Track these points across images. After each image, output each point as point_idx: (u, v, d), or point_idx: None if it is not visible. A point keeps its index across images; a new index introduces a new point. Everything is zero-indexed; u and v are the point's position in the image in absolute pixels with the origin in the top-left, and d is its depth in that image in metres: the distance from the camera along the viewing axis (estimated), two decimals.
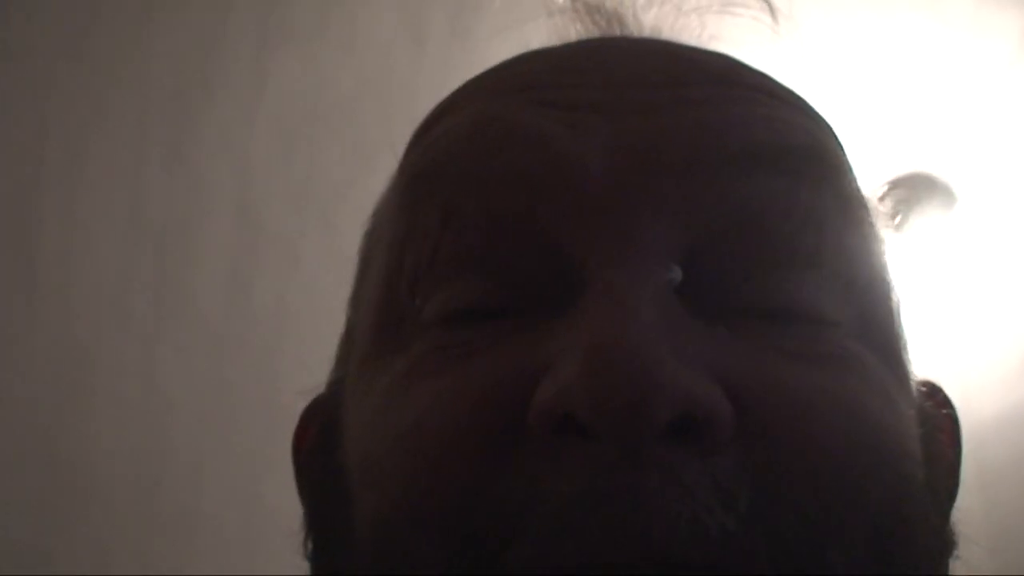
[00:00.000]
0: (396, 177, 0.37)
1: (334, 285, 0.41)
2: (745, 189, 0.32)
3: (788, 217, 0.32)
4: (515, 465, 0.28)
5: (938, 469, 0.35)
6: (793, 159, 0.33)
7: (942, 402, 0.39)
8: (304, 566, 0.38)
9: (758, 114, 0.33)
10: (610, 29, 0.41)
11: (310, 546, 0.37)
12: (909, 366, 0.35)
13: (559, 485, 0.27)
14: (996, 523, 1.52)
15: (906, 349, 0.36)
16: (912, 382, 0.35)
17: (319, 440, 0.38)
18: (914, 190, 1.48)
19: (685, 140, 0.32)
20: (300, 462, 0.40)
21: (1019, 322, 1.60)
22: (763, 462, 0.28)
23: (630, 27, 0.41)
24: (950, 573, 0.35)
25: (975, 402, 1.58)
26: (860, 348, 0.32)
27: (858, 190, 0.36)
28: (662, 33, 0.40)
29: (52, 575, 1.47)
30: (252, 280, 1.52)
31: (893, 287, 0.36)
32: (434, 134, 0.36)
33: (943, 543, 0.34)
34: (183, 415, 1.55)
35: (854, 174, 0.36)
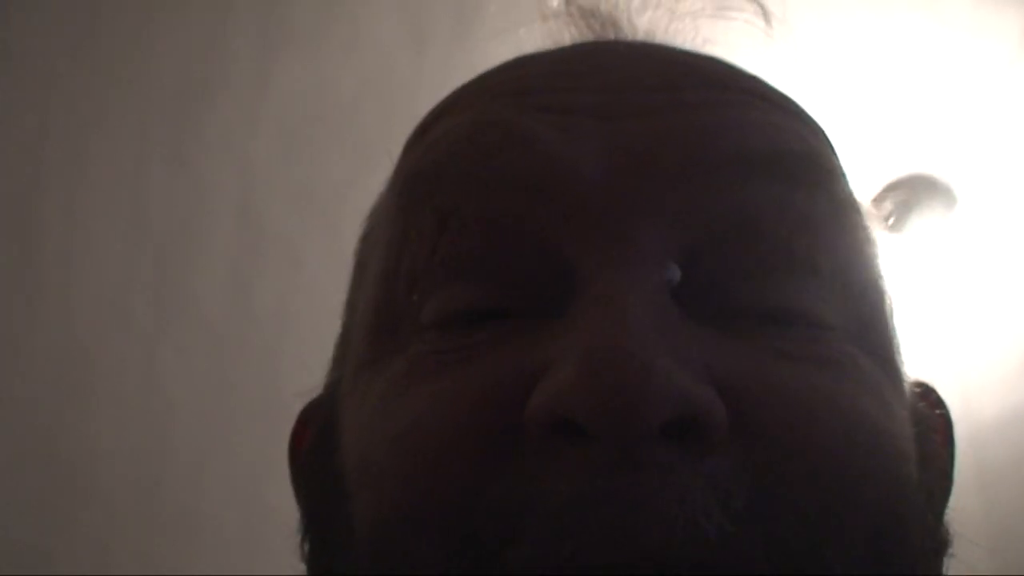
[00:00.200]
0: (393, 180, 0.37)
1: (335, 286, 0.41)
2: (740, 193, 0.32)
3: (783, 221, 0.32)
4: (513, 466, 0.28)
5: (932, 469, 0.35)
6: (787, 164, 0.33)
7: (935, 403, 0.39)
8: (304, 567, 0.38)
9: (753, 119, 0.34)
10: (604, 33, 0.41)
11: (307, 548, 0.37)
12: (903, 367, 0.36)
13: (557, 486, 0.27)
14: (996, 524, 1.52)
15: (900, 351, 0.36)
16: (906, 383, 0.36)
17: (316, 442, 0.38)
18: (914, 191, 1.47)
19: (680, 144, 0.32)
20: (297, 464, 0.40)
21: (1019, 323, 1.60)
22: (760, 462, 0.28)
23: (624, 31, 0.41)
24: (948, 573, 0.35)
25: (975, 403, 1.58)
26: (854, 350, 0.32)
27: (851, 194, 0.36)
28: (656, 37, 0.40)
29: (53, 575, 1.47)
30: (253, 281, 1.52)
31: (887, 290, 0.37)
32: (430, 138, 0.36)
33: (938, 542, 0.35)
34: (184, 416, 1.55)
35: (847, 178, 0.36)
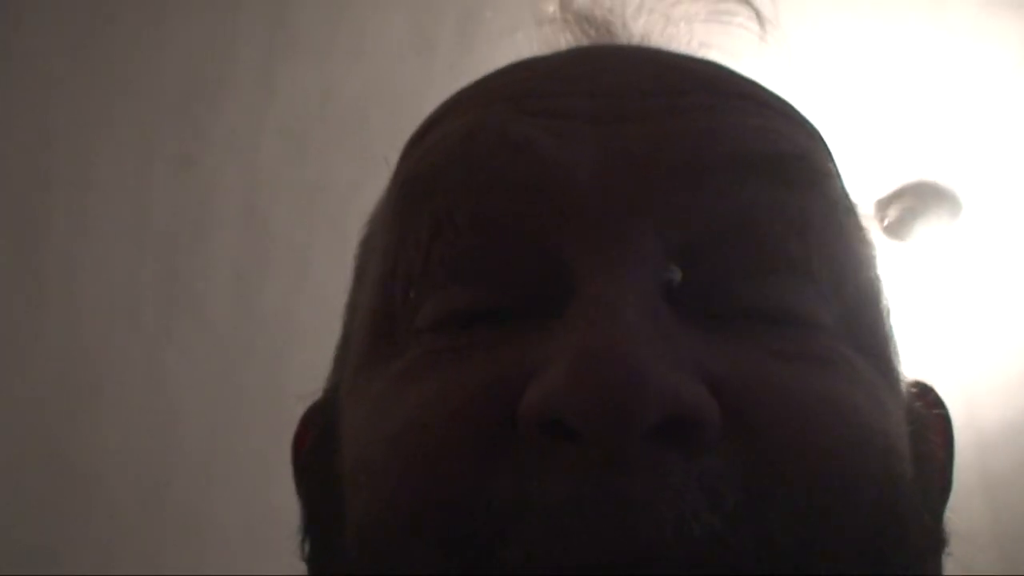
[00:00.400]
0: (390, 185, 0.38)
1: (342, 289, 0.41)
2: (735, 196, 0.32)
3: (778, 222, 0.32)
4: (505, 467, 0.28)
5: (929, 468, 0.35)
6: (783, 166, 0.33)
7: (933, 402, 0.39)
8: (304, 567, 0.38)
9: (749, 123, 0.34)
10: (599, 38, 0.41)
11: (306, 548, 0.37)
12: (898, 367, 0.36)
13: (548, 487, 0.27)
14: (1001, 529, 1.52)
15: (895, 351, 0.36)
16: (901, 383, 0.36)
17: (316, 443, 0.38)
18: (920, 198, 1.47)
19: (677, 147, 0.32)
20: (298, 465, 0.41)
21: None
22: (752, 462, 0.28)
23: (619, 36, 0.41)
24: (951, 574, 0.35)
25: (980, 409, 1.58)
26: (848, 350, 0.32)
27: (847, 196, 0.36)
28: (651, 42, 0.40)
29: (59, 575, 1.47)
30: (260, 285, 1.53)
31: (882, 290, 0.37)
32: (427, 143, 0.36)
33: (935, 542, 0.34)
34: (191, 419, 1.56)
35: (843, 181, 0.36)
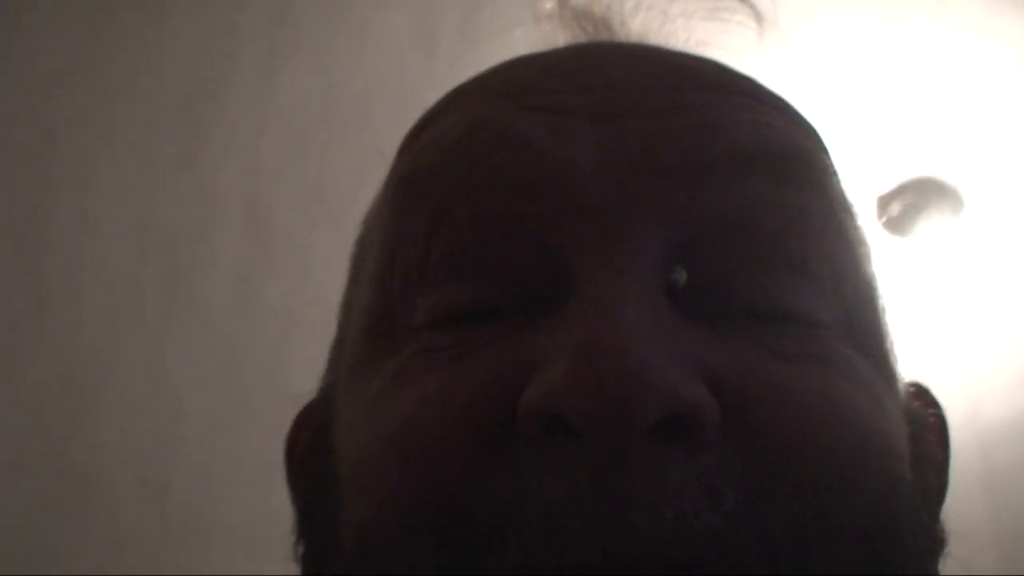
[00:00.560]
0: (387, 182, 0.37)
1: (343, 288, 0.41)
2: (734, 193, 0.32)
3: (776, 219, 0.32)
4: (505, 465, 0.28)
5: (927, 469, 0.35)
6: (781, 164, 0.33)
7: (929, 403, 0.39)
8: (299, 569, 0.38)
9: (747, 120, 0.34)
10: (597, 35, 0.41)
11: (301, 549, 0.37)
12: (896, 367, 0.36)
13: (547, 485, 0.27)
14: (1002, 527, 1.52)
15: (893, 350, 0.36)
16: (899, 383, 0.36)
17: (311, 444, 0.38)
18: (922, 195, 1.47)
19: (676, 144, 0.32)
20: (292, 466, 0.40)
21: None
22: (751, 460, 0.28)
23: (618, 33, 0.41)
24: (952, 574, 0.35)
25: (982, 406, 1.57)
26: (847, 349, 0.32)
27: (844, 193, 0.36)
28: (649, 39, 0.40)
29: (61, 575, 1.47)
30: (262, 284, 1.53)
31: (879, 289, 0.37)
32: (424, 140, 0.36)
33: (933, 542, 0.34)
34: (193, 418, 1.56)
35: (840, 178, 0.36)
